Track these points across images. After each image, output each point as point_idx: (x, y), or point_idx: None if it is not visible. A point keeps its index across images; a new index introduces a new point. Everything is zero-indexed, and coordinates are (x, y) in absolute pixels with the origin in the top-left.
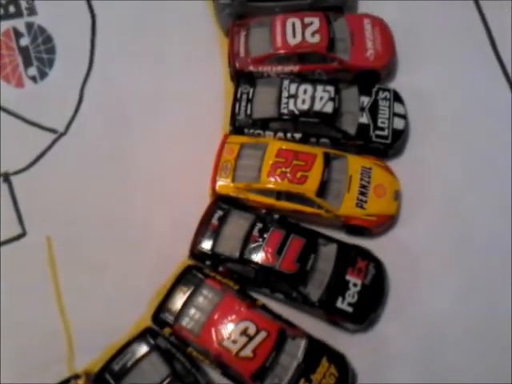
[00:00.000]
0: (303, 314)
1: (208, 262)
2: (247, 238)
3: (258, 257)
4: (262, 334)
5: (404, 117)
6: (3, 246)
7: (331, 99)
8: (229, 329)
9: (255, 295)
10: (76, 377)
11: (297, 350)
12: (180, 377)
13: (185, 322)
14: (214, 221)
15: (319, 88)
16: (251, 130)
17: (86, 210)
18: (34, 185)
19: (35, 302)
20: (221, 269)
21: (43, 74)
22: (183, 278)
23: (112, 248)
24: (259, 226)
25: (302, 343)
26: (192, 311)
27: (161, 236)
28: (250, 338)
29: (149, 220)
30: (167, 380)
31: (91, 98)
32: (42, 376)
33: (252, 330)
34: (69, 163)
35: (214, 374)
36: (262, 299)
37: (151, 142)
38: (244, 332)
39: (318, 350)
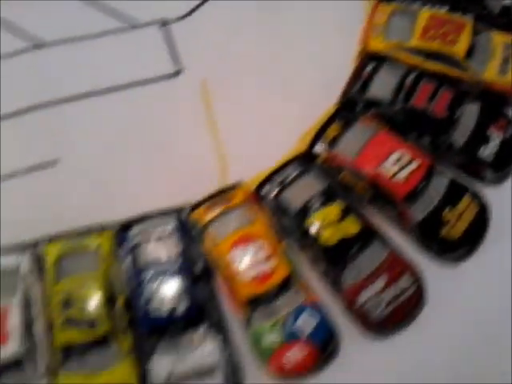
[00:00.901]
0: None
1: (359, 107)
2: (400, 86)
3: (411, 101)
4: (415, 164)
5: None
6: (160, 82)
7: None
8: (384, 155)
9: None
10: (238, 184)
11: (442, 183)
12: (334, 194)
13: (340, 149)
14: (366, 72)
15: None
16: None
17: (240, 56)
18: (192, 30)
19: (190, 135)
20: (371, 113)
21: None
22: (337, 115)
23: (266, 93)
24: (412, 76)
25: (447, 179)
26: (347, 141)
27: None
28: (404, 166)
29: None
30: (324, 192)
31: None
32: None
33: (406, 159)
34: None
35: None
36: None
37: None
38: (398, 160)
39: (461, 188)
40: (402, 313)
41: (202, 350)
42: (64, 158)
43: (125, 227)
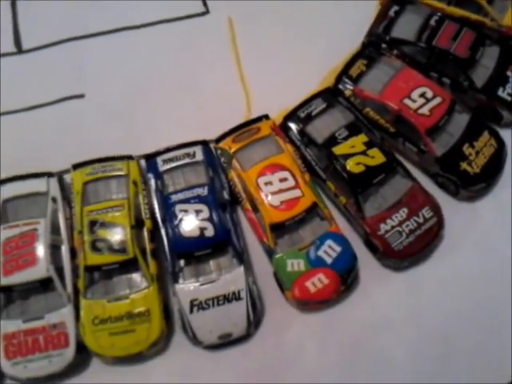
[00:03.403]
0: None
1: (384, 45)
2: (424, 26)
3: (434, 40)
4: (438, 99)
5: None
6: (187, 20)
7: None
8: (409, 90)
9: None
10: (264, 117)
11: (463, 120)
12: (359, 127)
13: (365, 85)
14: (391, 13)
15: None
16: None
17: None
18: None
19: (216, 72)
20: (395, 52)
21: None
22: (362, 53)
23: (290, 33)
24: (435, 17)
25: (468, 116)
26: (372, 77)
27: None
28: (428, 101)
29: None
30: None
31: None
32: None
33: (429, 94)
34: None
35: None
36: None
37: None
38: (422, 95)
39: (480, 124)
40: (422, 243)
41: (227, 276)
42: (90, 92)
43: (153, 156)
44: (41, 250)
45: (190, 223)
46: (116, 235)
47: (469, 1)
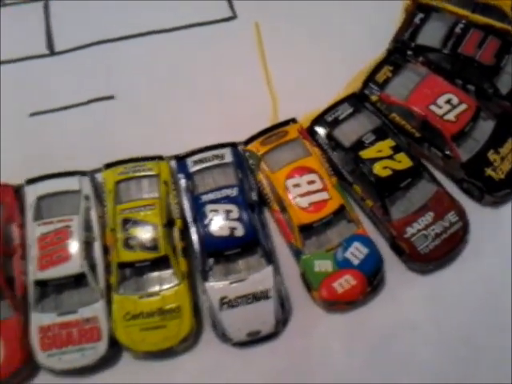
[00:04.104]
0: None
1: (409, 52)
2: (449, 34)
3: (460, 48)
4: (463, 106)
5: None
6: (214, 24)
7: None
8: (434, 96)
9: None
10: (291, 121)
11: (488, 126)
12: (386, 132)
13: (391, 91)
14: (416, 21)
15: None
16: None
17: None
18: None
19: (243, 76)
20: (420, 59)
21: None
22: (388, 60)
23: (315, 38)
24: (460, 25)
25: (493, 122)
26: (398, 83)
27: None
28: (453, 107)
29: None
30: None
31: None
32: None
33: (455, 100)
34: None
35: None
36: None
37: None
38: (448, 101)
39: (505, 131)
40: (448, 246)
41: (256, 275)
42: (120, 93)
43: (183, 157)
44: (75, 247)
45: (220, 223)
46: (148, 233)
47: (493, 9)
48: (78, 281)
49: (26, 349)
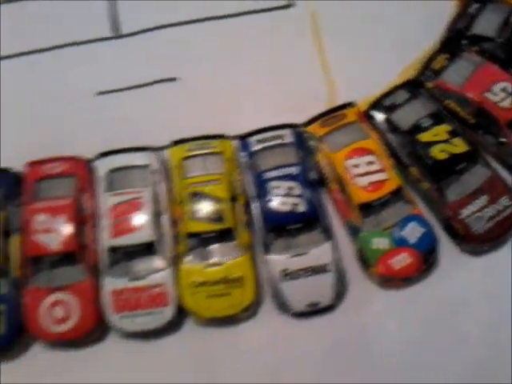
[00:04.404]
0: None
1: (464, 42)
2: (504, 24)
3: None
4: None
5: None
6: (270, 12)
7: None
8: (490, 84)
9: None
10: (349, 104)
11: None
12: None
13: (447, 78)
14: (471, 11)
15: None
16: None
17: None
18: None
19: (301, 62)
20: (475, 48)
21: None
22: (444, 48)
23: (371, 26)
24: None
25: None
26: (454, 71)
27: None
28: (508, 94)
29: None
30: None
31: None
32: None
33: (510, 88)
34: None
35: None
36: None
37: None
38: (503, 89)
39: None
40: (501, 229)
41: (316, 250)
42: (183, 76)
43: (246, 136)
44: (146, 217)
45: (282, 199)
46: (214, 206)
47: None
48: (147, 249)
49: (98, 310)
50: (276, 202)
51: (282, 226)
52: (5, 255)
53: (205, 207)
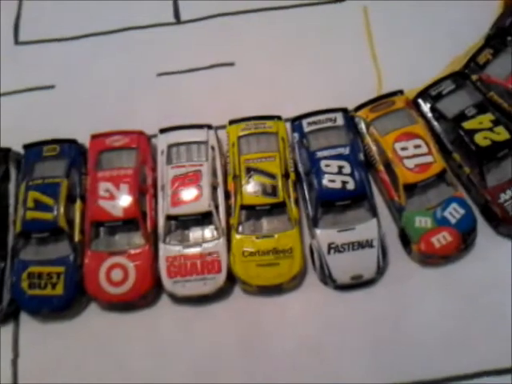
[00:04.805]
0: None
1: (509, 38)
2: None
3: None
4: None
5: None
6: (323, 5)
7: None
8: None
9: None
10: (399, 92)
11: None
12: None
13: (491, 71)
14: None
15: None
16: None
17: None
18: None
19: (351, 52)
20: None
21: None
22: (489, 44)
23: (419, 21)
24: None
25: None
26: (498, 65)
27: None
28: None
29: None
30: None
31: None
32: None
33: None
34: None
35: None
36: None
37: None
38: None
39: None
40: None
41: (362, 226)
42: (238, 61)
43: (299, 118)
44: (203, 188)
45: (333, 177)
46: (268, 181)
47: None
48: (203, 219)
49: (154, 275)
50: (327, 180)
51: (332, 202)
52: (68, 220)
53: (259, 181)
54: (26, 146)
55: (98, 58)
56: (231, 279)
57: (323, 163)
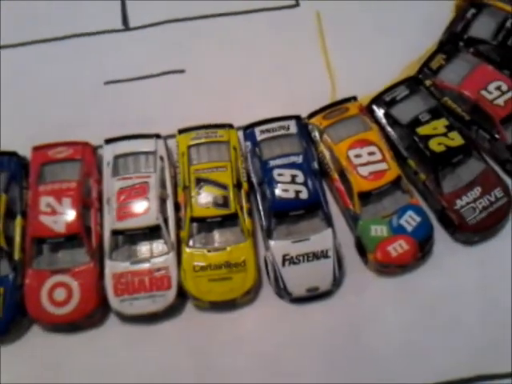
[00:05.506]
0: None
1: (461, 44)
2: (499, 28)
3: (510, 41)
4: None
5: None
6: (276, 11)
7: None
8: (485, 83)
9: None
10: (352, 98)
11: None
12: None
13: (444, 77)
14: (468, 15)
15: None
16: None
17: None
18: None
19: (304, 58)
20: (471, 50)
21: None
22: (442, 49)
23: (371, 27)
24: (511, 20)
25: None
26: (451, 70)
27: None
28: (503, 93)
29: None
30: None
31: None
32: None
33: (504, 87)
34: None
35: None
36: None
37: None
38: (498, 88)
39: None
40: (493, 219)
41: (317, 236)
42: (190, 68)
43: (251, 126)
44: (151, 201)
45: (286, 186)
46: (219, 192)
47: None
48: (152, 232)
49: (99, 293)
50: (280, 189)
51: (285, 212)
52: (7, 237)
53: (210, 193)
54: None
55: (43, 65)
56: (182, 295)
57: (276, 172)
